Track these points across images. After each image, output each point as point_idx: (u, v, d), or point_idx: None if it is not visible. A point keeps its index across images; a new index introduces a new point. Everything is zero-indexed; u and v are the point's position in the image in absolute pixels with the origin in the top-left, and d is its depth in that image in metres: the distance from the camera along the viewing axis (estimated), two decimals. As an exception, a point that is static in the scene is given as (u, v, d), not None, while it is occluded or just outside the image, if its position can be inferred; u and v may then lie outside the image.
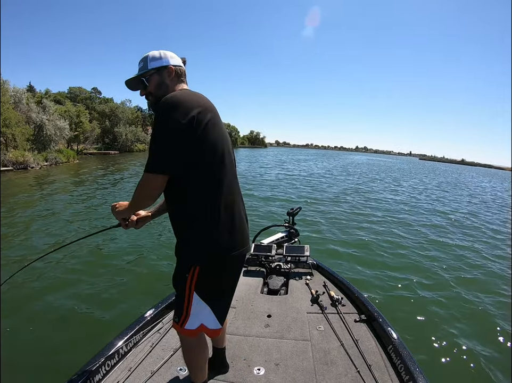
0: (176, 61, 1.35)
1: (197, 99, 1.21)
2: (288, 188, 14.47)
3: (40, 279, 4.19)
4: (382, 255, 5.71)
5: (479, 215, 11.03)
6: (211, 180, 1.22)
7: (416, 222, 8.92)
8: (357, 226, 7.84)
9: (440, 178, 30.74)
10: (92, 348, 1.85)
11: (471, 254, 6.30)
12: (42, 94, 32.88)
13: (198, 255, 1.25)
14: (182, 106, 1.13)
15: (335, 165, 36.99)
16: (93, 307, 3.59)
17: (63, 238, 5.96)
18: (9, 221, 6.94)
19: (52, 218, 7.37)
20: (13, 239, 5.83)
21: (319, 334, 2.09)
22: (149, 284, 4.18)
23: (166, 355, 1.85)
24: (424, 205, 12.43)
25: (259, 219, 7.81)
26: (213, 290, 1.32)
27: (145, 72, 1.31)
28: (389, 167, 46.98)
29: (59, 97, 36.84)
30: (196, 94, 1.27)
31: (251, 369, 1.75)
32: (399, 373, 1.70)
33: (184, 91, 1.26)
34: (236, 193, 1.35)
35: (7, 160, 16.74)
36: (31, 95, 24.98)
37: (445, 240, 7.22)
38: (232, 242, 1.28)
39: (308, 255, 3.02)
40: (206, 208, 1.22)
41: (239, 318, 2.28)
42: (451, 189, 20.47)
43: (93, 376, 1.57)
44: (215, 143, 1.21)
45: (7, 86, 19.98)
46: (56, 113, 24.03)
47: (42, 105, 22.99)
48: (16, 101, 20.58)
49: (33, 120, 21.29)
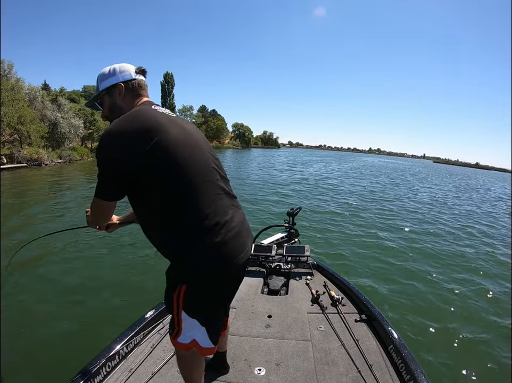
0: (127, 75, 1.25)
1: (141, 120, 1.11)
2: (294, 189, 14.08)
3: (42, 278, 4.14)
4: (384, 255, 5.70)
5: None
6: (177, 197, 1.13)
7: (425, 226, 8.63)
8: (357, 226, 7.79)
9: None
10: (95, 348, 1.83)
11: (470, 255, 6.33)
12: (57, 92, 33.31)
13: (181, 273, 1.19)
14: (117, 142, 1.08)
15: (349, 167, 36.54)
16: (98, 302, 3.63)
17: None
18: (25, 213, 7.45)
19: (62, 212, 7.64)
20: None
21: (319, 334, 2.09)
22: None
23: (166, 356, 1.85)
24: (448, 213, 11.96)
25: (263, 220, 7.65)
26: (202, 308, 1.24)
27: (97, 94, 1.26)
28: (403, 170, 46.11)
29: (73, 95, 37.06)
30: (144, 112, 1.15)
31: (252, 370, 1.75)
32: (400, 372, 1.70)
33: (129, 115, 1.14)
34: (221, 202, 1.22)
35: (21, 157, 16.89)
36: (46, 93, 25.22)
37: (452, 242, 7.19)
38: (220, 256, 1.17)
39: (308, 255, 3.01)
40: (185, 224, 1.15)
41: (240, 318, 2.27)
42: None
43: (94, 377, 1.57)
44: (174, 159, 1.11)
45: (21, 84, 20.18)
46: (71, 111, 24.19)
47: (57, 103, 23.19)
48: (31, 99, 20.83)
49: (47, 118, 21.49)
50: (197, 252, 1.13)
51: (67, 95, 34.26)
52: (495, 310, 3.99)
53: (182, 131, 1.19)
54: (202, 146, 1.25)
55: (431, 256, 5.94)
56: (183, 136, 1.18)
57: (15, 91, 18.17)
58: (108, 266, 4.73)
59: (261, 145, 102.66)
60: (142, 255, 5.03)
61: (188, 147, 1.17)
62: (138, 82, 1.28)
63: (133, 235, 5.71)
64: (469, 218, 10.61)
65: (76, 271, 4.45)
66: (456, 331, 3.41)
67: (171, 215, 1.14)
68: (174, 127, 1.16)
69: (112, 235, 5.80)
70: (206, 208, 1.15)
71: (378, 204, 11.72)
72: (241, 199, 10.33)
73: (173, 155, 1.11)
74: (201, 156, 1.21)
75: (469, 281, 4.89)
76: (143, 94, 1.29)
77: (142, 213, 1.25)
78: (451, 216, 10.48)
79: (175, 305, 1.20)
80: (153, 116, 1.15)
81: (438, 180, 30.27)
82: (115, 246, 5.52)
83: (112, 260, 4.94)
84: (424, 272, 5.07)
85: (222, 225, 1.17)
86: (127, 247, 5.48)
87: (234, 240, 1.20)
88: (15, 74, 20.67)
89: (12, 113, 16.71)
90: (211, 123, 68.86)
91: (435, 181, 28.78)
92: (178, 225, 1.15)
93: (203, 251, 1.14)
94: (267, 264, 3.06)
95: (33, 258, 4.70)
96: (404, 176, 29.74)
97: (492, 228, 9.38)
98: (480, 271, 5.44)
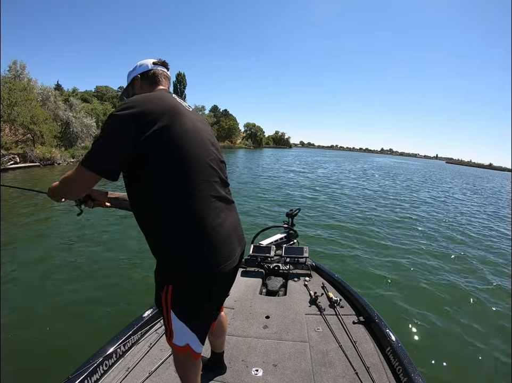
0: (144, 67, 1.34)
1: (153, 98, 1.12)
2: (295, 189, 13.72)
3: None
4: (384, 255, 5.69)
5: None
6: (184, 185, 1.11)
7: (435, 228, 8.44)
8: (358, 227, 7.75)
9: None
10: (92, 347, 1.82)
11: (468, 254, 6.37)
12: (69, 92, 33.57)
13: (168, 273, 1.18)
14: (131, 108, 1.05)
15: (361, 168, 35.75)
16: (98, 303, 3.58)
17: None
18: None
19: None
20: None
21: (317, 335, 2.07)
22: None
23: (164, 355, 1.84)
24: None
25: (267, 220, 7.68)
26: (188, 309, 1.21)
27: (125, 89, 1.40)
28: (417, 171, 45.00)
29: (86, 96, 37.37)
30: (157, 96, 1.16)
31: (249, 371, 1.74)
32: (398, 375, 1.69)
33: (143, 95, 1.16)
34: (214, 205, 1.18)
35: (34, 156, 17.01)
36: (58, 93, 25.44)
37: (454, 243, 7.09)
38: (206, 260, 1.13)
39: (307, 256, 2.99)
40: (172, 221, 1.10)
41: (238, 319, 2.26)
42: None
43: (91, 375, 1.57)
44: (175, 148, 1.10)
45: (33, 84, 20.33)
46: (83, 110, 24.32)
47: (69, 102, 23.32)
48: (44, 99, 20.98)
49: (60, 117, 21.60)
50: (181, 253, 1.11)
51: (80, 95, 34.56)
52: (497, 311, 3.97)
53: (192, 125, 1.18)
54: (208, 145, 1.23)
55: (432, 257, 5.91)
56: (192, 131, 1.17)
57: (27, 91, 18.27)
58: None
59: (273, 145, 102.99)
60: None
61: (194, 141, 1.16)
62: (154, 71, 1.33)
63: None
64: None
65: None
66: (455, 333, 3.41)
67: (160, 208, 1.11)
68: (187, 118, 1.16)
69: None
70: (197, 208, 1.12)
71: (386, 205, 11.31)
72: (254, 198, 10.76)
73: (177, 145, 1.10)
74: (204, 154, 1.19)
75: (470, 283, 4.81)
76: (160, 82, 1.33)
77: (134, 201, 1.21)
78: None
79: (164, 305, 1.19)
80: (170, 101, 1.16)
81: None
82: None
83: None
84: (424, 272, 5.01)
85: (212, 229, 1.14)
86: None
87: (222, 246, 1.17)
88: (28, 74, 20.93)
89: (25, 113, 16.77)
90: (223, 123, 68.80)
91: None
92: (166, 220, 1.11)
93: (187, 252, 1.11)
94: (266, 265, 3.04)
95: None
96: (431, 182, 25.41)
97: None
98: (480, 271, 5.39)
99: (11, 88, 16.53)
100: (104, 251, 5.18)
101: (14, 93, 16.45)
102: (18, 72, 20.34)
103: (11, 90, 16.41)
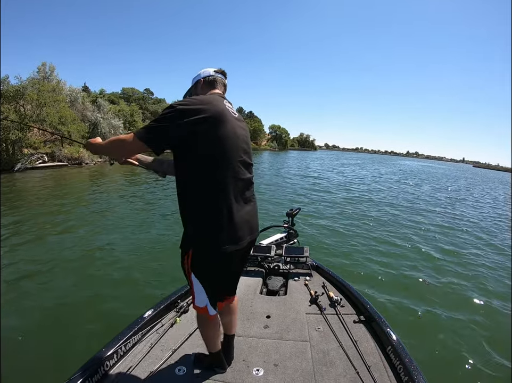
0: (206, 73, 1.53)
1: (207, 102, 1.30)
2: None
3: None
4: (382, 255, 5.58)
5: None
6: (212, 176, 1.30)
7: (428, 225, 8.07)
8: (358, 227, 7.46)
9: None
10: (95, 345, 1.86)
11: (464, 251, 6.24)
12: (97, 94, 34.15)
13: (192, 239, 1.36)
14: (188, 105, 1.26)
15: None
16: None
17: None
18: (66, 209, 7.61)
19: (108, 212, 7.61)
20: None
21: (318, 335, 2.05)
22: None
23: (165, 355, 1.82)
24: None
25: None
26: (206, 273, 1.40)
27: (188, 89, 1.61)
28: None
29: (113, 97, 37.90)
30: (210, 100, 1.33)
31: (250, 370, 1.73)
32: (399, 374, 1.68)
33: (201, 96, 1.39)
34: (240, 197, 1.39)
35: (62, 156, 17.14)
36: (86, 95, 25.81)
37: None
38: (227, 236, 1.32)
39: (307, 255, 2.98)
40: (203, 200, 1.31)
41: (238, 318, 2.17)
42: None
43: (92, 376, 1.57)
44: (217, 141, 1.29)
45: (62, 85, 20.58)
46: (110, 111, 24.54)
47: (97, 104, 23.55)
48: (72, 100, 21.22)
49: (88, 118, 21.84)
50: (205, 223, 1.31)
51: (107, 97, 35.11)
52: (497, 310, 3.91)
53: (232, 131, 1.35)
54: (241, 149, 1.40)
55: (433, 257, 5.72)
56: (231, 136, 1.34)
57: (56, 93, 18.43)
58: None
59: (298, 147, 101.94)
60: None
61: (229, 144, 1.33)
62: (214, 77, 1.53)
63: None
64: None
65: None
66: (456, 332, 3.33)
67: (196, 184, 1.31)
68: (229, 123, 1.33)
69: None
70: (226, 193, 1.32)
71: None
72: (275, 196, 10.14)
73: (215, 144, 1.29)
74: (236, 156, 1.37)
75: (471, 288, 4.57)
76: (216, 87, 1.52)
77: (178, 175, 1.39)
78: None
79: (186, 268, 1.40)
80: (220, 106, 1.34)
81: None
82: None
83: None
84: (425, 274, 4.89)
85: (229, 213, 1.33)
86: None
87: (243, 223, 1.38)
88: (57, 76, 21.19)
89: (53, 113, 16.87)
90: (248, 125, 68.74)
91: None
92: (198, 194, 1.31)
93: (210, 223, 1.31)
94: (266, 264, 3.03)
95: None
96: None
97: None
98: (479, 272, 5.19)
99: (41, 89, 16.59)
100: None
101: (43, 94, 16.52)
102: (47, 73, 20.63)
103: (40, 91, 16.48)
